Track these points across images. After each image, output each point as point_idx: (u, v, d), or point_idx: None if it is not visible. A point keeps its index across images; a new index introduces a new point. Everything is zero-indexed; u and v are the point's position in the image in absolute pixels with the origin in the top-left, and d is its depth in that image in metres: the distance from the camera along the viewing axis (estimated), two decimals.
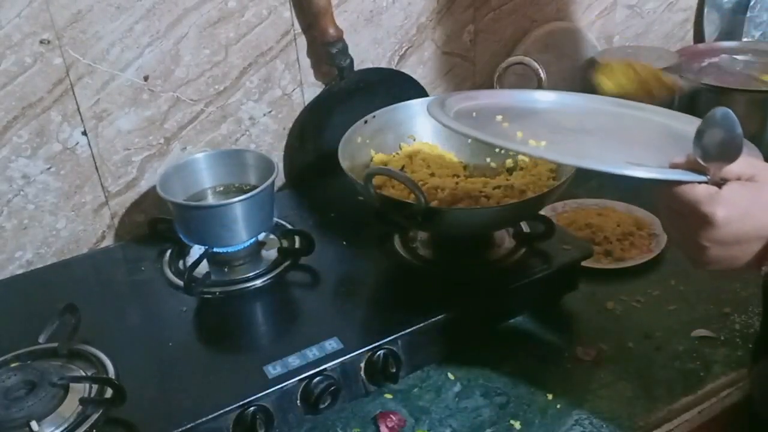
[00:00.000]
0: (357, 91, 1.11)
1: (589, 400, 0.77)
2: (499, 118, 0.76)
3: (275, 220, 0.95)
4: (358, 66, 1.11)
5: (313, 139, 1.11)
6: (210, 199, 0.96)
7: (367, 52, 1.13)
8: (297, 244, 0.93)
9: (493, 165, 0.98)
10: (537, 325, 0.88)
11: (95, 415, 0.67)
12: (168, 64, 0.97)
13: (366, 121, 0.96)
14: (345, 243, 0.94)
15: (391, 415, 0.76)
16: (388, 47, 1.15)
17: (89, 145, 0.96)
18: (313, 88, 1.11)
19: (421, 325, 0.78)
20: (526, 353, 0.84)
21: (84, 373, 0.73)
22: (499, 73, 1.18)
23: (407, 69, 1.18)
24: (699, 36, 1.54)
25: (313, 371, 0.72)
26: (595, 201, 1.10)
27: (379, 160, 0.96)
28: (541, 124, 0.78)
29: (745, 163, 0.56)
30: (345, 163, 0.86)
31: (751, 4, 1.48)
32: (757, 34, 1.51)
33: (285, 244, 0.94)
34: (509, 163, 0.97)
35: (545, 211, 0.97)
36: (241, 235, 0.89)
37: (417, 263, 0.89)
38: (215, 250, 0.90)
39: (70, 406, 0.68)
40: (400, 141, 1.00)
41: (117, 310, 0.86)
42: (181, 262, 0.93)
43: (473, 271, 0.87)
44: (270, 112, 1.09)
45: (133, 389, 0.69)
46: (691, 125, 0.73)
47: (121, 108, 0.96)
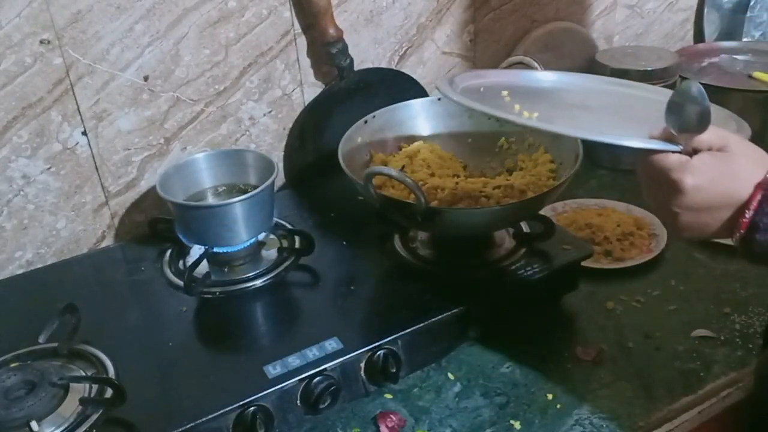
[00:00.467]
0: (357, 91, 1.11)
1: (589, 400, 0.77)
2: (505, 93, 0.78)
3: (275, 220, 0.95)
4: (358, 66, 1.11)
5: (313, 139, 1.11)
6: (210, 199, 0.96)
7: (367, 52, 1.13)
8: (297, 244, 0.93)
9: (493, 165, 0.98)
10: (537, 325, 0.88)
11: (95, 415, 0.67)
12: (168, 64, 0.97)
13: (366, 121, 0.96)
14: (345, 243, 0.94)
15: (391, 415, 0.76)
16: (388, 47, 1.15)
17: (89, 145, 0.96)
18: (313, 88, 1.11)
19: (421, 325, 0.78)
20: (526, 353, 0.84)
21: (84, 373, 0.73)
22: None
23: (407, 69, 1.18)
24: (699, 36, 1.54)
25: (313, 371, 0.72)
26: (595, 201, 1.10)
27: (379, 160, 0.96)
28: (543, 100, 0.80)
29: (716, 134, 0.58)
30: (345, 163, 0.86)
31: (751, 4, 1.48)
32: (757, 34, 1.51)
33: (285, 244, 0.94)
34: (509, 163, 0.98)
35: (545, 211, 0.97)
36: (241, 235, 0.89)
37: (417, 263, 0.89)
38: (215, 250, 0.90)
39: (70, 406, 0.68)
40: (400, 141, 1.00)
41: (117, 310, 0.86)
42: (181, 262, 0.93)
43: (473, 271, 0.87)
44: (270, 112, 1.09)
45: (133, 389, 0.69)
46: None
47: (121, 108, 0.96)
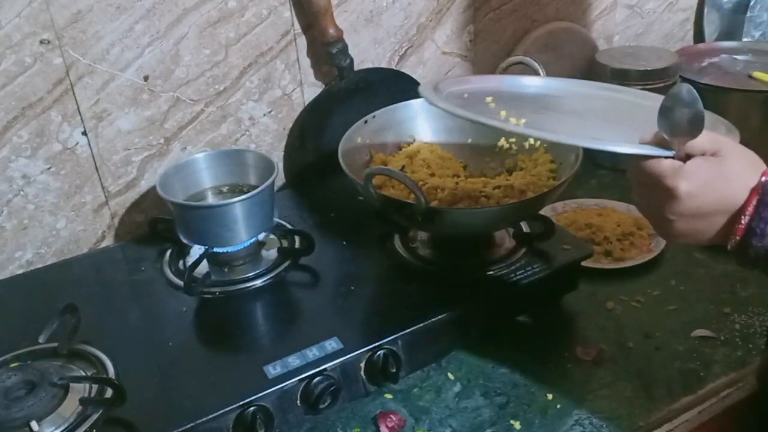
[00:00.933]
0: (357, 91, 1.11)
1: (589, 400, 0.77)
2: (489, 99, 0.78)
3: (275, 220, 0.95)
4: (358, 66, 1.11)
5: (313, 139, 1.11)
6: (210, 199, 0.96)
7: (367, 52, 1.13)
8: (297, 244, 0.93)
9: (493, 165, 0.98)
10: (537, 325, 0.88)
11: (95, 415, 0.67)
12: (168, 64, 0.97)
13: (366, 121, 0.96)
14: (345, 243, 0.94)
15: (391, 415, 0.76)
16: (388, 47, 1.15)
17: (89, 145, 0.96)
18: (313, 88, 1.11)
19: (421, 325, 0.78)
20: (526, 353, 0.84)
21: (84, 373, 0.73)
22: (499, 72, 1.17)
23: (407, 69, 1.18)
24: (699, 36, 1.54)
25: (313, 371, 0.72)
26: (595, 201, 1.10)
27: (379, 160, 0.96)
28: (529, 106, 0.79)
29: (709, 139, 0.57)
30: (345, 163, 0.86)
31: (751, 4, 1.48)
32: (757, 34, 1.51)
33: (285, 244, 0.94)
34: (509, 163, 0.98)
35: (545, 211, 0.97)
36: (241, 235, 0.89)
37: (417, 263, 0.89)
38: (215, 250, 0.90)
39: (70, 406, 0.68)
40: (400, 141, 1.00)
41: (117, 310, 0.86)
42: (181, 262, 0.93)
43: (473, 271, 0.87)
44: (270, 112, 1.09)
45: (133, 389, 0.69)
46: None
47: (121, 108, 0.96)
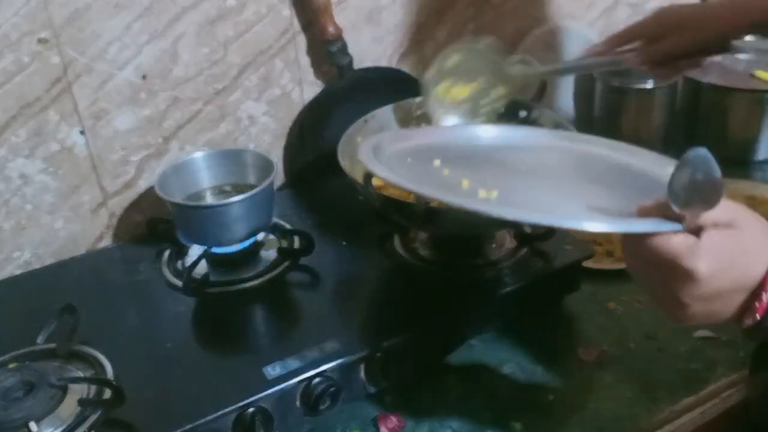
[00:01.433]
0: (357, 90, 1.10)
1: (591, 401, 0.77)
2: (437, 162, 0.70)
3: (274, 220, 0.94)
4: (357, 64, 1.11)
5: (313, 138, 1.11)
6: (209, 198, 0.96)
7: (367, 51, 1.13)
8: (296, 244, 0.93)
9: None
10: (538, 326, 0.87)
11: (94, 416, 0.67)
12: (166, 63, 0.97)
13: (366, 121, 0.96)
14: (345, 243, 0.94)
15: (392, 417, 0.75)
16: (388, 46, 1.15)
17: (87, 144, 0.95)
18: (312, 87, 1.11)
19: (421, 325, 0.78)
20: (527, 354, 0.83)
21: (82, 374, 0.72)
22: None
23: (407, 68, 1.17)
24: None
25: (312, 372, 0.71)
26: None
27: None
28: (486, 167, 0.71)
29: (720, 207, 0.50)
30: (345, 162, 0.85)
31: None
32: None
33: (284, 244, 0.94)
34: None
35: None
36: (240, 235, 0.88)
37: (417, 263, 0.88)
38: (214, 250, 0.89)
39: (69, 407, 0.68)
40: None
41: (115, 310, 0.85)
42: (179, 263, 0.93)
43: (474, 272, 0.87)
44: (269, 111, 1.08)
45: (132, 390, 0.69)
46: (642, 159, 0.69)
47: (119, 107, 0.96)
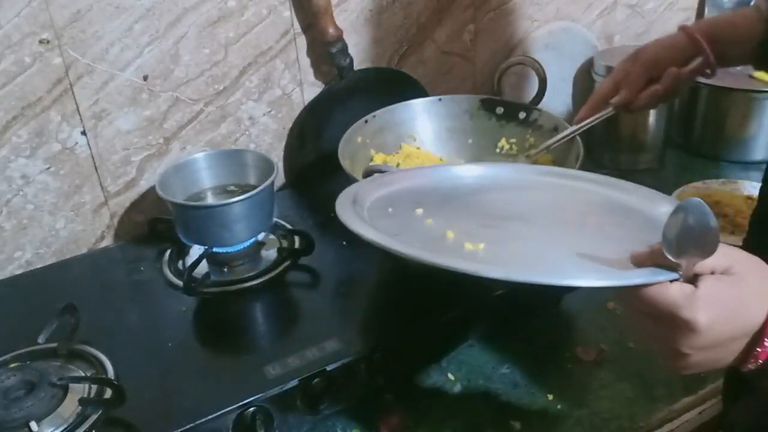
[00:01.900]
0: (357, 91, 1.11)
1: (590, 401, 0.77)
2: (420, 212, 0.66)
3: (275, 220, 0.95)
4: (358, 66, 1.11)
5: (313, 139, 1.11)
6: (209, 199, 0.96)
7: (367, 52, 1.13)
8: (297, 244, 0.93)
9: None
10: (537, 325, 0.87)
11: (95, 416, 0.67)
12: (167, 64, 0.97)
13: (366, 121, 0.96)
14: (345, 243, 0.94)
15: (391, 416, 0.76)
16: (388, 47, 1.15)
17: (88, 144, 0.96)
18: (312, 88, 1.11)
19: (421, 325, 0.78)
20: (526, 353, 0.83)
21: (83, 374, 0.73)
22: (500, 73, 1.17)
23: (407, 69, 1.18)
24: None
25: (312, 372, 0.72)
26: None
27: (379, 160, 0.96)
28: (469, 214, 0.68)
29: (718, 253, 0.49)
30: (345, 162, 0.86)
31: (751, 3, 1.47)
32: None
33: (285, 244, 0.94)
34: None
35: None
36: (241, 235, 0.89)
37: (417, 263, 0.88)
38: (215, 250, 0.90)
39: (70, 406, 0.68)
40: (400, 141, 1.00)
41: (116, 310, 0.85)
42: (180, 262, 0.93)
43: None
44: (270, 111, 1.08)
45: (132, 389, 0.69)
46: (630, 194, 0.68)
47: (121, 108, 0.96)
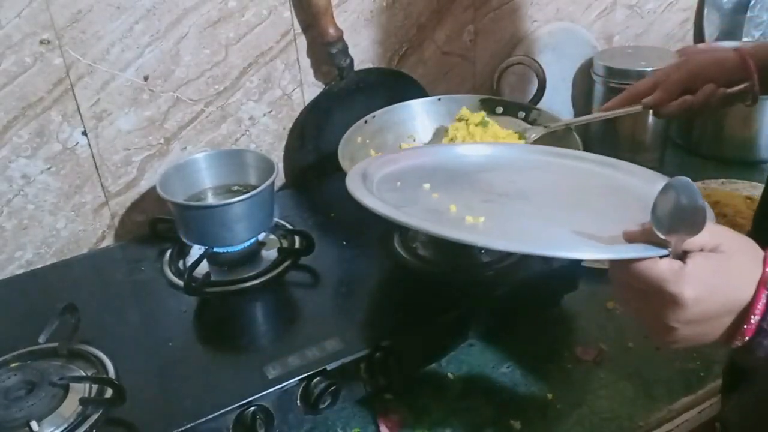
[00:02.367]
0: (357, 91, 1.11)
1: (589, 400, 0.77)
2: (427, 186, 0.70)
3: (275, 220, 0.95)
4: (358, 66, 1.11)
5: (313, 139, 1.11)
6: (210, 199, 0.96)
7: (367, 52, 1.13)
8: (297, 244, 0.93)
9: None
10: (537, 325, 0.88)
11: (95, 415, 0.67)
12: (168, 64, 0.97)
13: (366, 121, 0.96)
14: (345, 243, 0.94)
15: (391, 415, 0.76)
16: (388, 47, 1.15)
17: (89, 145, 0.96)
18: (313, 88, 1.11)
19: (421, 325, 0.78)
20: (526, 353, 0.84)
21: (84, 373, 0.73)
22: (500, 73, 1.18)
23: (407, 69, 1.18)
24: (699, 36, 1.54)
25: (313, 371, 0.72)
26: None
27: None
28: (473, 190, 0.71)
29: (706, 231, 0.51)
30: (345, 163, 0.86)
31: (751, 4, 1.48)
32: (757, 34, 1.51)
33: (285, 244, 0.94)
34: None
35: None
36: (242, 235, 0.89)
37: (417, 263, 0.89)
38: (215, 250, 0.90)
39: (70, 406, 0.68)
40: (400, 141, 1.00)
41: (117, 310, 0.86)
42: (181, 262, 0.93)
43: (473, 271, 0.87)
44: (270, 112, 1.09)
45: (133, 389, 0.69)
46: (633, 175, 0.70)
47: (121, 108, 0.96)
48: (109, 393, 0.68)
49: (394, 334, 0.76)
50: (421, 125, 1.01)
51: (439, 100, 1.02)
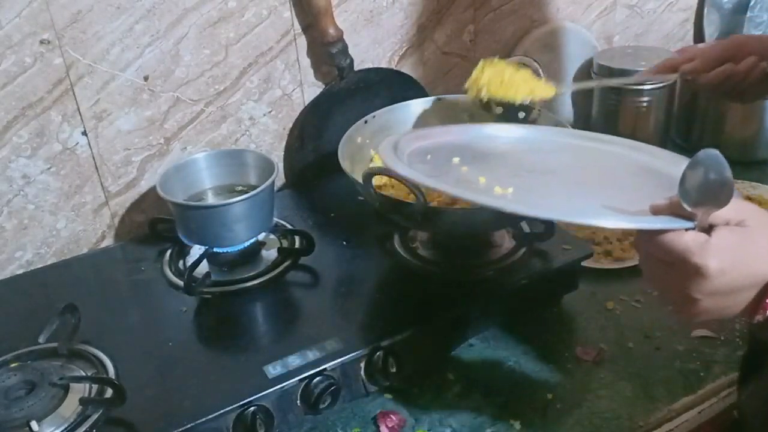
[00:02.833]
0: (357, 91, 1.11)
1: (589, 400, 0.77)
2: (456, 160, 0.72)
3: (275, 220, 0.95)
4: (358, 66, 1.11)
5: (313, 139, 1.11)
6: (210, 199, 0.96)
7: (367, 52, 1.13)
8: (297, 244, 0.93)
9: None
10: (537, 325, 0.88)
11: (95, 415, 0.67)
12: (168, 64, 0.97)
13: (366, 121, 0.96)
14: (345, 243, 0.94)
15: (391, 415, 0.76)
16: (388, 47, 1.15)
17: (89, 145, 0.96)
18: (313, 88, 1.11)
19: (421, 325, 0.78)
20: (526, 353, 0.84)
21: (84, 373, 0.73)
22: None
23: (407, 69, 1.18)
24: (699, 36, 1.54)
25: (313, 371, 0.72)
26: None
27: (379, 161, 0.96)
28: (503, 166, 0.74)
29: (732, 206, 0.52)
30: (345, 163, 0.86)
31: (751, 4, 1.48)
32: (756, 34, 1.51)
33: (285, 244, 0.94)
34: None
35: None
36: (241, 235, 0.89)
37: (417, 263, 0.89)
38: (215, 250, 0.90)
39: (70, 406, 0.68)
40: None
41: (117, 310, 0.86)
42: (181, 262, 0.93)
43: (473, 271, 0.87)
44: (270, 112, 1.09)
45: (133, 389, 0.69)
46: (659, 158, 0.71)
47: (121, 108, 0.96)
48: (109, 393, 0.68)
49: (394, 334, 0.77)
50: (421, 125, 1.01)
51: (439, 100, 1.02)
